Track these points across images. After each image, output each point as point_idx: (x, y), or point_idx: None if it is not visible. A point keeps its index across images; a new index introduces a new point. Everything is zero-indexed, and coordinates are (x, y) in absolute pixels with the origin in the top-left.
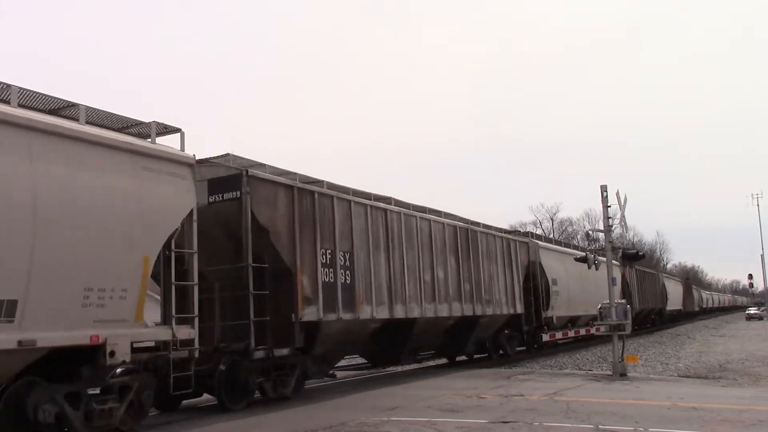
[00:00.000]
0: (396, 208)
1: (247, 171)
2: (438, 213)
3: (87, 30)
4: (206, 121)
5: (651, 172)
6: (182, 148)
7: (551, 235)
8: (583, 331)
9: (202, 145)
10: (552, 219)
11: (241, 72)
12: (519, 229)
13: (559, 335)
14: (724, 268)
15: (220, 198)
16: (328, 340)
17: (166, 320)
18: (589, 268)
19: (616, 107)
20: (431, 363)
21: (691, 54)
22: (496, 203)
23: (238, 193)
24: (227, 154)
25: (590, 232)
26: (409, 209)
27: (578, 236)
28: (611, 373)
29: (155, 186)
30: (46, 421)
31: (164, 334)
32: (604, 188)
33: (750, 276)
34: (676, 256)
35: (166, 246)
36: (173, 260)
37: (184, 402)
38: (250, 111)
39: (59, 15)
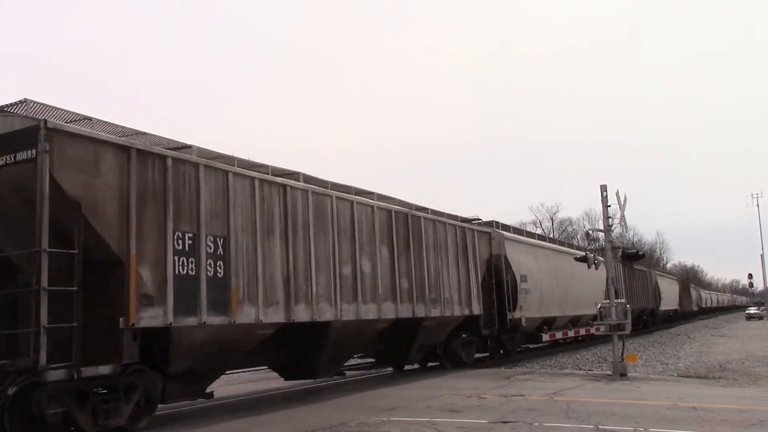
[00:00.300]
0: (302, 185)
1: (45, 122)
2: (369, 194)
3: (87, 30)
4: (206, 121)
5: (651, 172)
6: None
7: (551, 235)
8: (577, 332)
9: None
10: (552, 219)
11: (241, 72)
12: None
13: (558, 334)
14: (724, 268)
15: (12, 160)
16: (190, 352)
17: None
18: (589, 267)
19: (616, 107)
20: (371, 373)
21: (690, 54)
22: (496, 203)
23: (33, 152)
24: (25, 100)
25: (590, 232)
26: (327, 188)
27: (578, 236)
28: (611, 373)
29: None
30: None
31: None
32: (604, 188)
33: (750, 276)
34: (676, 256)
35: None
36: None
37: None
38: (250, 111)
39: (59, 15)
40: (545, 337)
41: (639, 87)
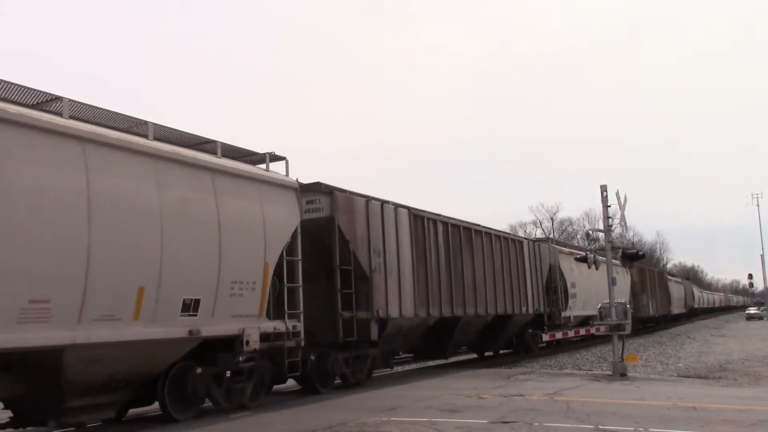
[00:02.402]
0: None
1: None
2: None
3: (87, 30)
4: (206, 121)
5: (651, 172)
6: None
7: (551, 235)
8: (583, 331)
9: None
10: (552, 219)
11: (241, 72)
12: (519, 228)
13: (558, 335)
14: (724, 268)
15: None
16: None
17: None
18: (589, 267)
19: (616, 107)
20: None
21: (690, 54)
22: (496, 203)
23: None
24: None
25: (590, 232)
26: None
27: (578, 236)
28: (611, 373)
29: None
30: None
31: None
32: (604, 188)
33: (750, 276)
34: (676, 256)
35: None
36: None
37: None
38: (250, 111)
39: (59, 15)
40: (545, 337)
41: (639, 87)
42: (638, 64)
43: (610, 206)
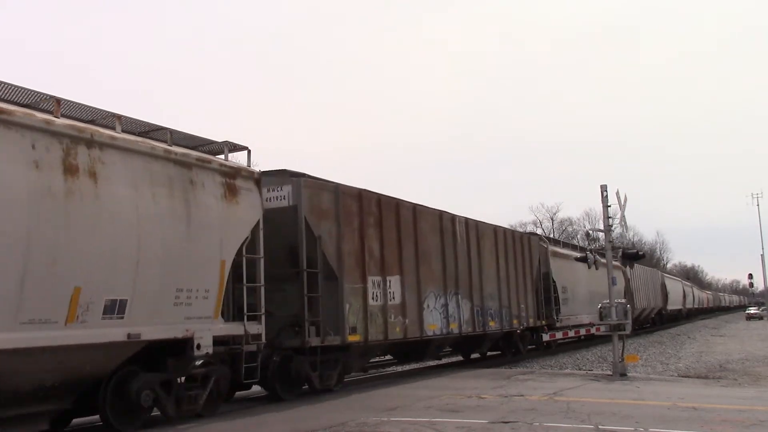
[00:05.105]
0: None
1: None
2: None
3: (87, 30)
4: (206, 120)
5: (651, 172)
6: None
7: (551, 235)
8: (577, 332)
9: None
10: (552, 219)
11: (241, 72)
12: (519, 228)
13: (558, 335)
14: (724, 268)
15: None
16: None
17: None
18: (589, 267)
19: (616, 107)
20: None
21: (690, 54)
22: (497, 203)
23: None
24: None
25: (590, 232)
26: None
27: (578, 236)
28: (611, 373)
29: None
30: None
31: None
32: (604, 188)
33: (750, 276)
34: (676, 256)
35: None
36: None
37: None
38: (251, 111)
39: (60, 15)
40: (545, 337)
41: (639, 87)
42: (638, 64)
43: (610, 206)
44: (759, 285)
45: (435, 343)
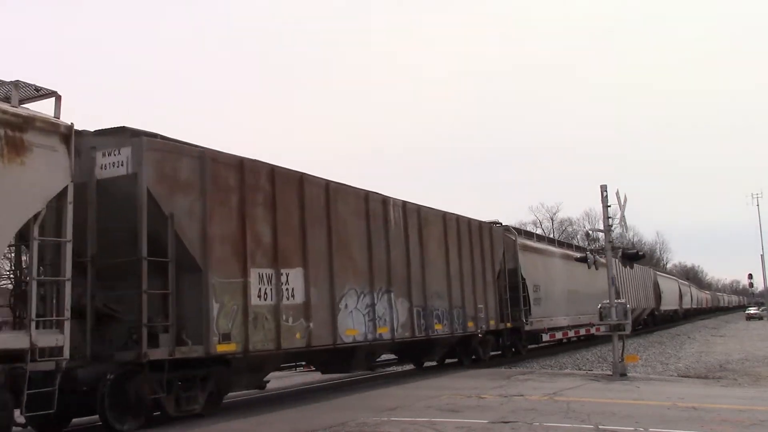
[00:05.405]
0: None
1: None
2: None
3: (87, 30)
4: (206, 121)
5: (651, 172)
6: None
7: (551, 235)
8: (583, 331)
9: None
10: (552, 219)
11: (241, 72)
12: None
13: (546, 337)
14: (724, 268)
15: None
16: None
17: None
18: (589, 268)
19: (616, 107)
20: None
21: (690, 54)
22: (496, 203)
23: None
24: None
25: (590, 232)
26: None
27: (578, 236)
28: (611, 373)
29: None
30: None
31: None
32: (604, 188)
33: (750, 276)
34: (676, 256)
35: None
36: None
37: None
38: (250, 111)
39: (59, 15)
40: (545, 337)
41: (639, 87)
42: (639, 64)
43: (610, 206)
44: (759, 285)
45: (363, 351)
